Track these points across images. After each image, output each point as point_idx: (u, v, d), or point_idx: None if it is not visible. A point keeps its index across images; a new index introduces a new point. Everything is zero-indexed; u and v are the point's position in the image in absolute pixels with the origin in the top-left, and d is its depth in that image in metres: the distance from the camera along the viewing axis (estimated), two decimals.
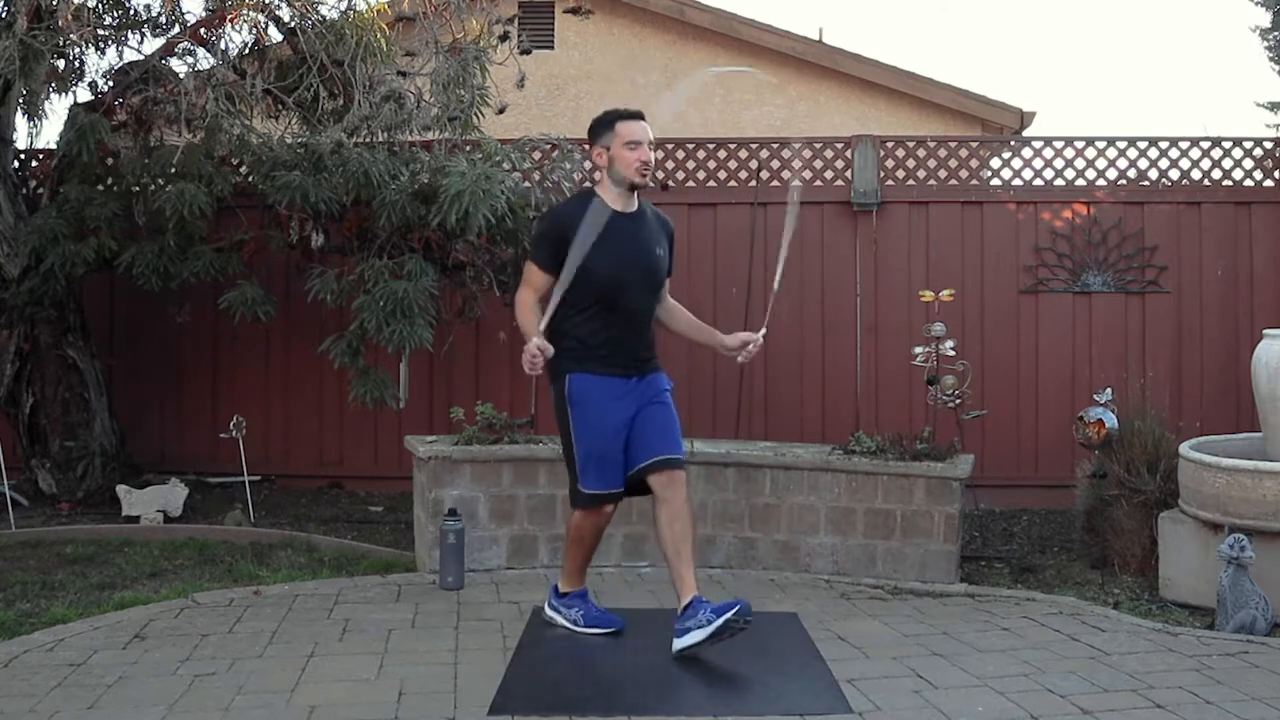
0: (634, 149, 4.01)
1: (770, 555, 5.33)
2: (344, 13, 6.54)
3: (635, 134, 4.02)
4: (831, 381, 7.38)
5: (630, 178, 4.03)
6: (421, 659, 3.92)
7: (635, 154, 4.00)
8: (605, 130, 4.06)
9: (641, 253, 4.06)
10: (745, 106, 11.03)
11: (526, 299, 4.05)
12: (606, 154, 4.05)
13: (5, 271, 6.68)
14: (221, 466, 7.26)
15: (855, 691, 3.61)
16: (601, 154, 4.07)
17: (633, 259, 4.03)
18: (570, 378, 4.00)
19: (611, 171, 4.05)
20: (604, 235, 3.93)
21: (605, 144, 4.05)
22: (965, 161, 7.47)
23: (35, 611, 4.58)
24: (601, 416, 3.98)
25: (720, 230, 7.43)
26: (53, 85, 6.54)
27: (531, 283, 4.06)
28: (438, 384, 7.44)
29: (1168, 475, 5.23)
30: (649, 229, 4.12)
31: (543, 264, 4.01)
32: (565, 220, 3.98)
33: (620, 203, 4.05)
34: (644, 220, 4.12)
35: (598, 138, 4.09)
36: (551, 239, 4.00)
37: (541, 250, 4.05)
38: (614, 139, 4.03)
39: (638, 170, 4.02)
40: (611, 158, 4.03)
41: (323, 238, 6.40)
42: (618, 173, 4.03)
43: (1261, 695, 3.60)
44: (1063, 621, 4.48)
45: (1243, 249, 7.25)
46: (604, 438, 3.98)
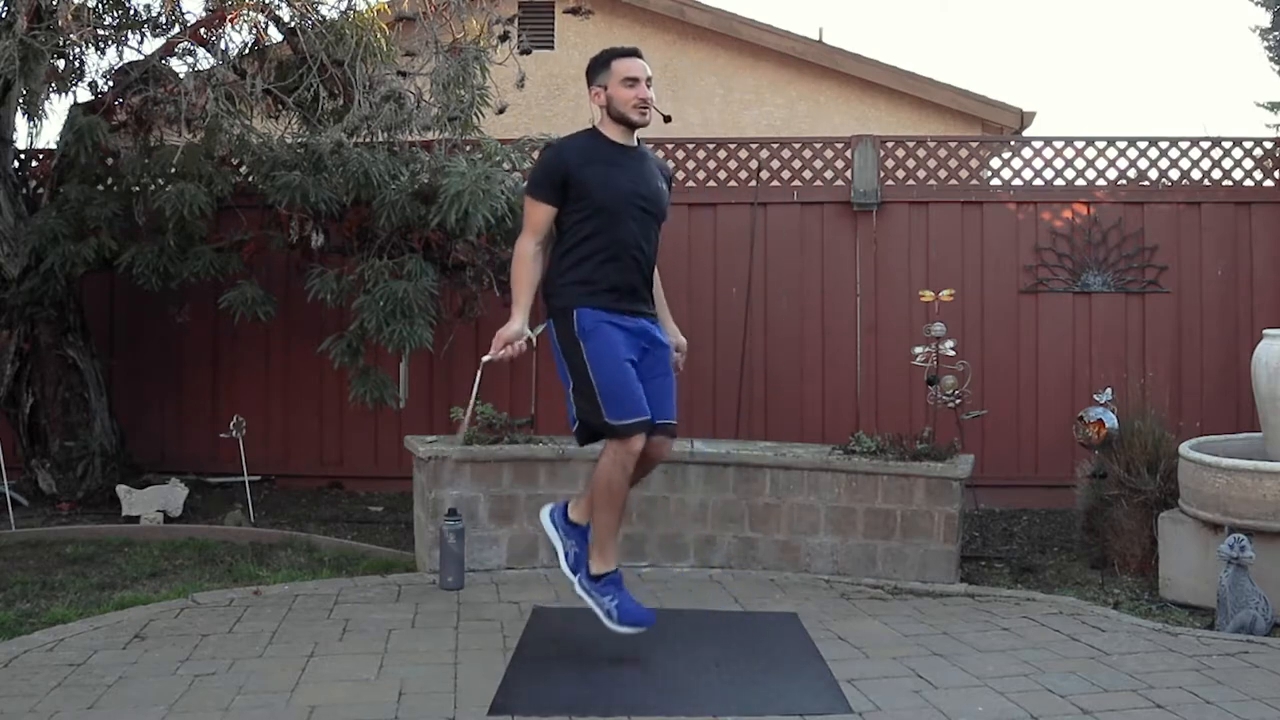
0: (631, 85, 3.93)
1: (770, 555, 5.32)
2: (344, 13, 6.54)
3: (633, 70, 3.94)
4: (831, 381, 7.38)
5: (629, 115, 3.95)
6: (421, 659, 3.92)
7: (633, 90, 3.93)
8: (601, 69, 3.98)
9: (642, 181, 3.99)
10: (745, 106, 11.04)
11: (527, 248, 3.94)
12: (604, 93, 3.97)
13: (5, 271, 6.68)
14: (221, 466, 7.27)
15: (855, 691, 3.61)
16: (599, 94, 3.98)
17: (632, 186, 3.95)
18: (579, 311, 3.85)
19: (610, 110, 3.97)
20: (607, 161, 3.92)
21: (602, 83, 3.97)
22: (965, 161, 7.47)
23: (35, 611, 4.58)
24: (616, 343, 3.84)
25: (720, 230, 7.43)
26: (53, 85, 6.54)
27: (533, 222, 3.95)
28: (438, 384, 7.44)
29: (1168, 475, 5.23)
30: (648, 165, 4.07)
31: (542, 196, 3.92)
32: (566, 154, 3.94)
33: (622, 135, 4.00)
34: (644, 158, 4.07)
35: (594, 78, 4.00)
36: (551, 172, 3.91)
37: (541, 185, 3.94)
38: (610, 77, 3.95)
39: (636, 107, 3.94)
40: (609, 97, 3.95)
41: (323, 238, 6.41)
42: (616, 111, 3.96)
43: (1261, 695, 3.60)
44: (1063, 621, 4.47)
45: (1243, 249, 7.26)
46: (622, 365, 3.83)
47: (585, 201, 3.88)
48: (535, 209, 3.95)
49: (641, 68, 3.97)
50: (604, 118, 4.01)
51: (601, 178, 3.89)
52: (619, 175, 3.94)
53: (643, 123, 4.00)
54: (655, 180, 4.05)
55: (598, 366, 3.81)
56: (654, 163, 4.14)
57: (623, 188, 3.93)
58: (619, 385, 3.79)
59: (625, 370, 3.82)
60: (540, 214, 3.94)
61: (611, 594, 3.86)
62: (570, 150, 3.98)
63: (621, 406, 3.77)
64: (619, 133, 4.00)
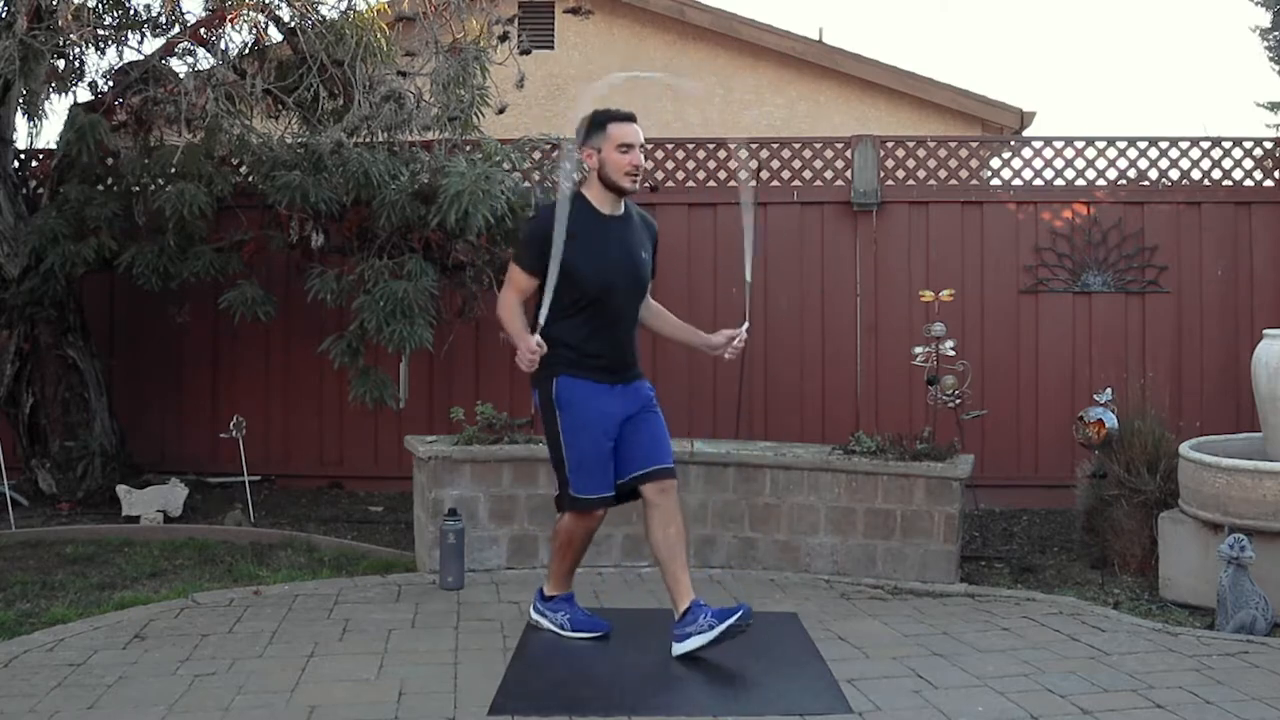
0: (626, 152, 3.94)
1: (770, 555, 5.33)
2: (344, 13, 6.54)
3: (628, 137, 3.95)
4: (831, 381, 7.38)
5: (620, 182, 3.97)
6: (421, 659, 3.92)
7: (627, 157, 3.94)
8: (596, 132, 3.97)
9: (627, 256, 4.02)
10: (745, 106, 11.03)
11: (510, 301, 4.00)
12: (597, 155, 3.97)
13: (5, 271, 6.68)
14: (221, 466, 7.26)
15: (855, 691, 3.61)
16: (591, 155, 3.98)
17: (618, 262, 3.99)
18: (558, 380, 3.94)
19: (601, 174, 3.98)
20: (590, 238, 3.92)
21: (596, 145, 3.97)
22: (965, 161, 7.47)
23: (35, 611, 4.58)
24: (591, 420, 3.94)
25: (720, 230, 7.42)
26: (53, 85, 6.55)
27: (515, 284, 4.01)
28: (438, 384, 7.44)
29: (1168, 475, 5.23)
30: (634, 231, 4.08)
31: (527, 266, 3.95)
32: (546, 223, 3.92)
33: (607, 205, 4.02)
34: (629, 223, 4.08)
35: (588, 138, 3.99)
36: (537, 242, 3.90)
37: (527, 253, 3.98)
38: (605, 141, 3.95)
39: (628, 174, 3.95)
40: (602, 160, 3.96)
41: (323, 238, 6.40)
42: (608, 176, 3.97)
43: (1261, 695, 3.60)
44: (1063, 621, 4.48)
45: (1243, 249, 7.25)
46: (595, 442, 3.94)
47: (571, 284, 3.89)
48: (520, 276, 4.00)
49: (637, 133, 3.99)
50: (594, 182, 4.02)
51: (587, 262, 3.90)
52: (606, 255, 3.96)
53: (632, 190, 4.03)
54: (639, 251, 4.07)
55: (570, 440, 3.97)
56: (640, 224, 4.14)
57: (609, 270, 3.96)
58: (588, 462, 3.96)
59: (595, 446, 3.95)
60: (525, 282, 3.98)
61: (563, 610, 4.21)
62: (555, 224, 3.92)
63: (587, 483, 3.97)
64: (607, 201, 4.02)
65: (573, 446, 3.95)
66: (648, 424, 4.04)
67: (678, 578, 3.92)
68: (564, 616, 4.19)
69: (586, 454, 3.94)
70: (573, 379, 3.94)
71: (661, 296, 4.45)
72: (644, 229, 4.15)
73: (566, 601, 4.24)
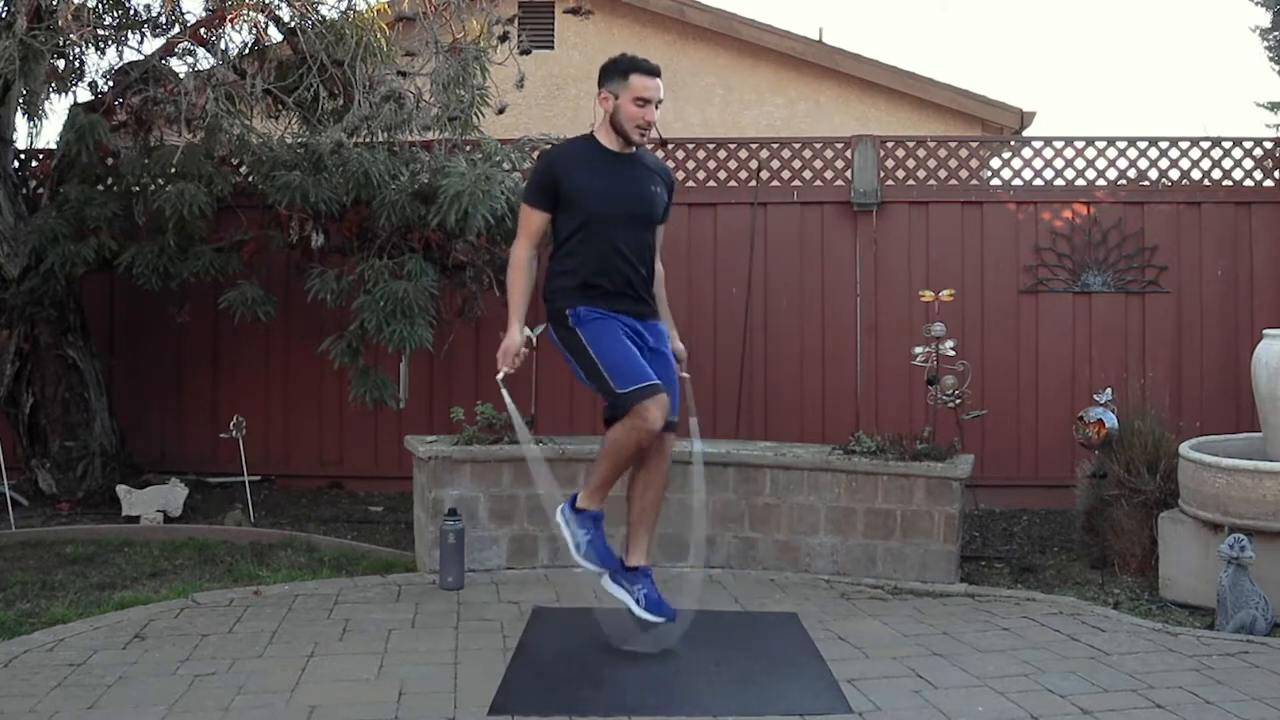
0: (641, 106, 3.95)
1: (770, 555, 5.32)
2: (344, 13, 6.54)
3: (647, 91, 3.95)
4: (831, 381, 7.38)
5: (630, 133, 3.98)
6: (421, 659, 3.92)
7: (642, 111, 3.95)
8: (618, 77, 3.97)
9: (630, 186, 4.01)
10: (745, 106, 11.04)
11: (521, 253, 4.01)
12: (613, 100, 3.97)
13: (5, 271, 6.68)
14: (221, 466, 7.27)
15: (855, 691, 3.61)
16: (608, 99, 3.99)
17: (623, 193, 3.98)
18: (572, 310, 3.93)
19: (613, 119, 3.99)
20: (593, 168, 3.96)
21: (614, 91, 3.97)
22: (965, 161, 7.47)
23: (35, 611, 4.58)
24: (613, 327, 3.91)
25: (720, 230, 7.43)
26: (53, 85, 6.54)
27: (527, 227, 4.03)
28: (438, 384, 7.44)
29: (1168, 475, 5.23)
30: (642, 169, 4.08)
31: (536, 202, 3.99)
32: (557, 161, 4.01)
33: (615, 145, 4.02)
34: (639, 162, 4.08)
35: (608, 82, 3.99)
36: (544, 180, 3.98)
37: (533, 191, 4.02)
38: (625, 89, 3.95)
39: (639, 127, 3.97)
40: (616, 107, 3.96)
41: (323, 238, 6.41)
42: (619, 123, 3.98)
43: (1261, 695, 3.60)
44: (1063, 621, 4.48)
45: (1243, 249, 7.25)
46: (621, 340, 3.89)
47: (574, 210, 3.95)
48: (529, 215, 4.04)
49: (657, 89, 3.99)
50: (604, 123, 4.03)
51: (591, 188, 3.94)
52: (609, 184, 3.97)
53: (640, 143, 4.05)
54: (648, 185, 4.06)
55: (597, 345, 3.89)
56: (650, 166, 4.14)
57: (611, 197, 3.96)
58: (620, 357, 3.86)
59: (623, 343, 3.89)
60: (534, 220, 4.02)
61: (588, 529, 3.99)
62: (562, 158, 4.05)
63: (625, 376, 3.83)
64: (616, 142, 4.03)
65: (600, 349, 3.87)
66: (664, 369, 4.00)
67: (639, 538, 4.00)
68: (585, 535, 3.98)
69: (615, 351, 3.87)
70: (586, 306, 3.93)
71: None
72: (656, 172, 4.15)
73: (594, 522, 4.01)
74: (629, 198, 4.00)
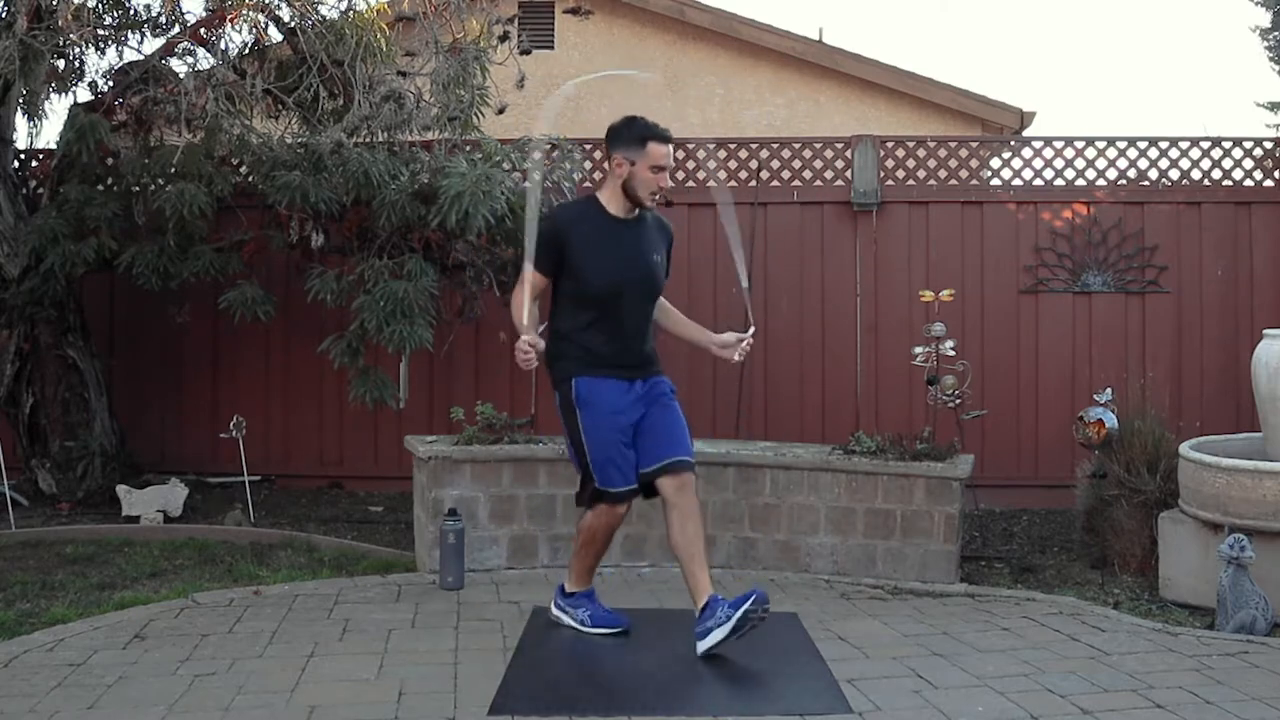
0: (658, 173, 4.01)
1: (770, 555, 5.32)
2: (344, 13, 6.54)
3: (663, 160, 4.01)
4: (831, 381, 7.38)
5: (644, 200, 4.03)
6: (421, 659, 3.92)
7: (657, 178, 4.01)
8: (635, 145, 3.99)
9: (637, 258, 4.05)
10: (745, 106, 11.03)
11: (521, 298, 4.04)
12: (628, 167, 3.99)
13: (5, 271, 6.68)
14: (221, 466, 7.26)
15: (855, 691, 3.61)
16: (623, 165, 4.00)
17: (631, 265, 4.03)
18: (576, 381, 3.99)
19: (626, 184, 4.01)
20: (599, 240, 3.98)
21: (630, 158, 3.99)
22: (965, 161, 7.47)
23: (35, 611, 4.58)
24: (611, 416, 3.99)
25: (720, 230, 7.39)
26: (53, 85, 6.54)
27: (531, 284, 4.03)
28: (438, 384, 7.44)
29: (1168, 475, 5.23)
30: (647, 234, 4.11)
31: (540, 266, 4.00)
32: (561, 224, 4.03)
33: (620, 210, 4.05)
34: (642, 225, 4.11)
35: (624, 147, 4.01)
36: (549, 244, 3.97)
37: (539, 254, 4.00)
38: (642, 157, 3.98)
39: (652, 194, 4.03)
40: (632, 174, 3.99)
41: (323, 238, 6.41)
42: (632, 189, 4.01)
43: (1261, 695, 3.60)
44: (1063, 621, 4.47)
45: (1243, 249, 7.25)
46: (616, 436, 3.98)
47: (580, 282, 3.98)
48: (532, 274, 4.01)
49: (669, 155, 4.05)
50: (614, 186, 4.05)
51: (595, 263, 3.97)
52: (614, 257, 4.01)
53: (649, 208, 4.09)
54: (652, 252, 4.11)
55: (591, 439, 3.99)
56: (653, 228, 4.15)
57: (616, 271, 4.00)
58: (610, 453, 3.98)
59: (616, 446, 3.98)
60: (538, 281, 4.01)
61: (584, 605, 4.23)
62: (566, 224, 4.04)
63: (609, 475, 3.99)
64: (623, 207, 4.06)
65: (594, 442, 3.98)
66: (664, 417, 4.06)
67: (696, 576, 3.95)
68: (585, 613, 4.21)
69: (608, 448, 3.97)
70: (590, 379, 3.99)
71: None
72: (658, 232, 4.18)
73: (588, 598, 4.25)
74: (633, 271, 4.04)
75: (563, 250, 3.96)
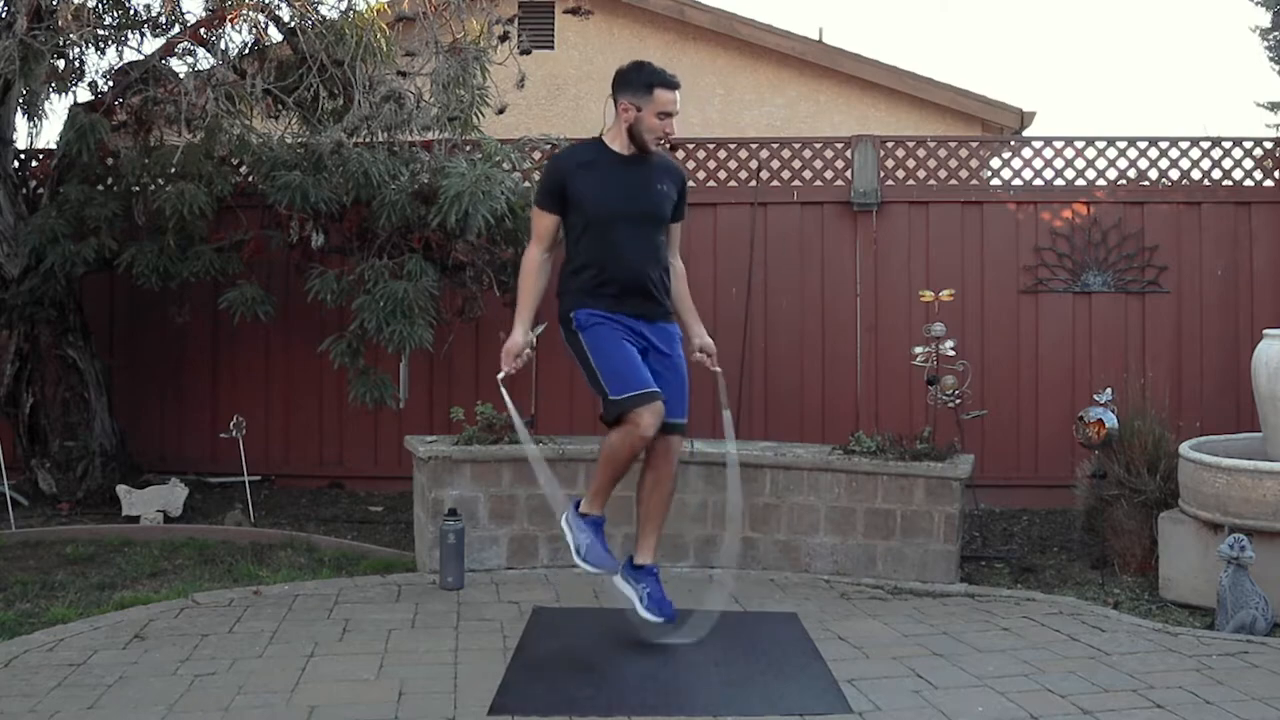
0: (664, 119, 4.00)
1: (770, 555, 5.32)
2: (344, 13, 6.53)
3: (670, 105, 4.00)
4: (831, 381, 7.38)
5: (648, 145, 4.03)
6: (421, 659, 3.92)
7: (663, 124, 4.00)
8: (642, 90, 3.99)
9: (638, 186, 4.04)
10: (745, 106, 11.03)
11: (533, 256, 4.07)
12: (635, 113, 3.99)
13: (5, 271, 6.68)
14: (221, 466, 7.26)
15: (855, 691, 3.61)
16: (629, 110, 4.00)
17: (628, 193, 4.02)
18: (576, 313, 3.98)
19: (632, 129, 4.01)
20: (601, 169, 4.01)
21: (637, 102, 3.99)
22: (965, 161, 7.47)
23: (35, 611, 4.58)
24: (613, 329, 3.96)
25: (720, 230, 7.42)
26: (53, 85, 6.54)
27: (538, 230, 4.09)
28: (438, 384, 7.44)
29: (1168, 475, 5.23)
30: (651, 169, 4.09)
31: (545, 205, 4.05)
32: (563, 164, 4.07)
33: (626, 151, 4.06)
34: (647, 161, 4.09)
35: (631, 92, 4.00)
36: (551, 182, 4.05)
37: (542, 194, 4.09)
38: (650, 102, 3.97)
39: (657, 139, 4.03)
40: (638, 119, 3.99)
41: (323, 238, 6.40)
42: (638, 134, 4.01)
43: (1261, 695, 3.60)
44: (1063, 621, 4.48)
45: (1243, 249, 7.25)
46: (619, 346, 3.94)
47: (580, 212, 4.00)
48: (540, 218, 4.09)
49: (677, 102, 4.03)
50: (620, 129, 4.05)
51: (595, 190, 3.98)
52: (615, 185, 4.01)
53: (654, 153, 4.08)
54: (656, 184, 4.08)
55: (595, 351, 3.94)
56: (660, 165, 4.14)
57: (616, 197, 4.00)
58: (617, 362, 3.91)
59: (622, 349, 3.94)
60: (545, 222, 4.07)
61: (588, 533, 4.05)
62: (568, 160, 4.10)
63: (621, 381, 3.87)
64: (627, 149, 4.06)
65: (598, 355, 3.93)
66: (664, 372, 4.02)
67: (647, 536, 4.10)
68: (584, 539, 4.03)
69: (612, 356, 3.91)
70: (589, 310, 3.98)
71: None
72: (665, 169, 4.17)
73: (595, 527, 4.08)
74: (634, 197, 4.03)
75: (565, 185, 3.98)
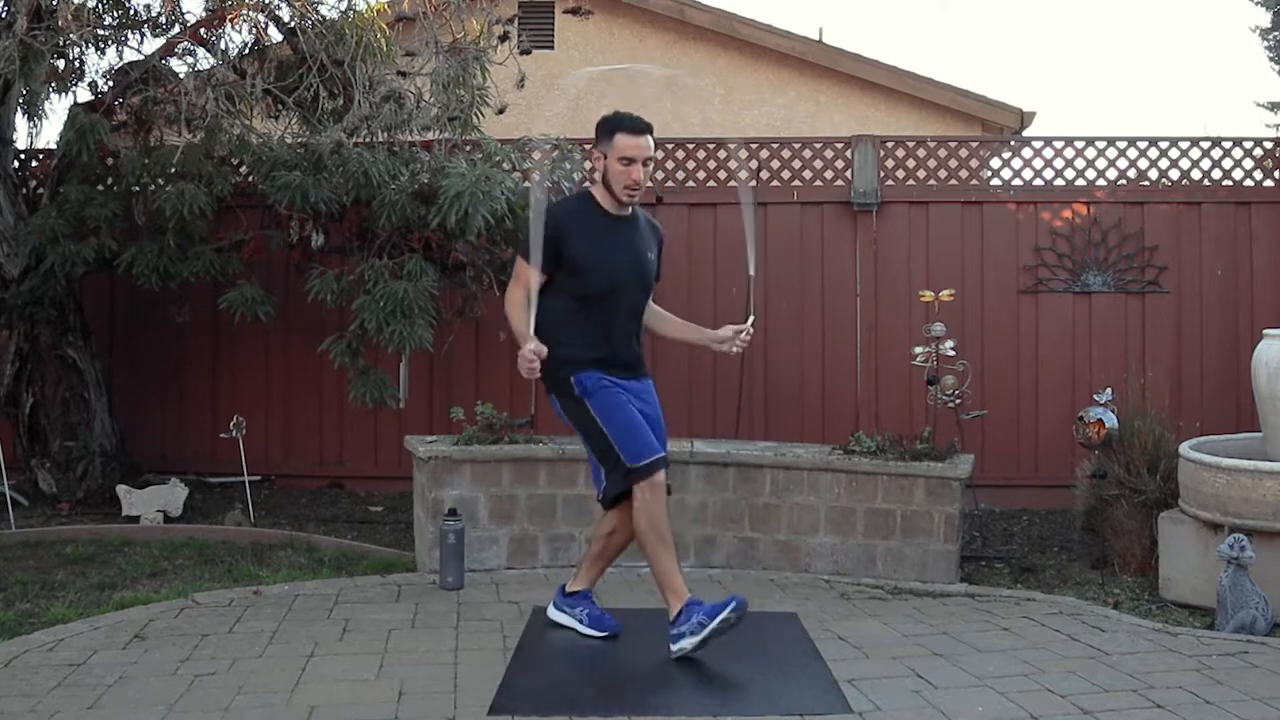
0: (626, 165, 3.93)
1: (770, 555, 5.32)
2: (344, 13, 6.54)
3: (630, 150, 3.93)
4: (831, 381, 7.38)
5: (618, 194, 3.99)
6: (421, 659, 3.92)
7: (627, 170, 3.93)
8: (605, 137, 3.99)
9: (633, 255, 4.05)
10: (745, 106, 11.03)
11: (517, 296, 4.00)
12: (602, 162, 4.00)
13: (5, 271, 6.68)
14: (221, 466, 7.26)
15: (855, 691, 3.61)
16: (599, 159, 4.02)
17: (624, 259, 4.02)
18: (578, 377, 3.96)
19: (604, 178, 4.01)
20: (596, 235, 3.97)
21: (603, 150, 4.00)
22: (965, 161, 7.47)
23: (35, 611, 4.58)
24: (619, 396, 3.96)
25: (720, 230, 7.42)
26: (53, 85, 6.54)
27: (524, 280, 4.00)
28: (438, 384, 7.44)
29: (1168, 475, 5.23)
30: (640, 233, 4.11)
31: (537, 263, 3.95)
32: (556, 218, 3.96)
33: (613, 206, 4.04)
34: (636, 224, 4.11)
35: (598, 140, 4.04)
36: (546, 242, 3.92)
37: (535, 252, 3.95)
38: (610, 150, 3.95)
39: (626, 188, 3.96)
40: (606, 167, 3.99)
41: (323, 238, 6.40)
42: (608, 183, 4.00)
43: (1261, 695, 3.60)
44: (1063, 621, 4.48)
45: (1243, 249, 7.25)
46: (629, 411, 3.94)
47: (577, 279, 3.96)
48: (529, 272, 3.95)
49: (641, 148, 3.95)
50: (599, 179, 4.05)
51: (594, 259, 3.96)
52: (611, 252, 3.99)
53: (627, 204, 4.03)
54: (647, 250, 4.10)
55: (606, 416, 3.92)
56: (644, 227, 4.15)
57: (614, 267, 3.99)
58: (630, 429, 3.91)
59: (632, 415, 3.94)
60: (534, 278, 3.95)
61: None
62: (564, 219, 3.98)
63: (636, 449, 3.89)
64: (611, 202, 4.04)
65: (610, 423, 3.91)
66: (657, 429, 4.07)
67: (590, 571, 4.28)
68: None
69: (625, 424, 3.91)
70: (588, 373, 3.97)
71: (661, 297, 4.45)
72: (650, 231, 4.18)
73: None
74: (629, 268, 4.03)
75: (561, 245, 3.93)
